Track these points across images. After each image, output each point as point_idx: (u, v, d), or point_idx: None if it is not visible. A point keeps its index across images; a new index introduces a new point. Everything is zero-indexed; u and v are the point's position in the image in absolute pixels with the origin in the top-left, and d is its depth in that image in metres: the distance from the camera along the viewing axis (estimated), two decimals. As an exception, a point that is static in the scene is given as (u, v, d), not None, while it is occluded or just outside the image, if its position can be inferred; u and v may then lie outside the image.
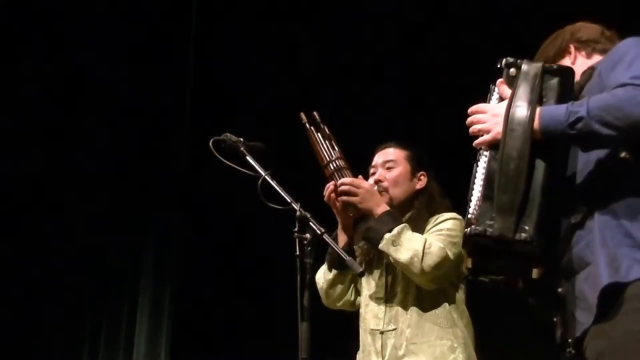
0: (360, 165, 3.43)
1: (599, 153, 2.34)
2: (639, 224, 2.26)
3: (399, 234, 3.12)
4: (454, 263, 3.12)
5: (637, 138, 2.24)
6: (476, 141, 2.42)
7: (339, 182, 3.23)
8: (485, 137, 2.39)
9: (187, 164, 5.58)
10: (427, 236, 3.17)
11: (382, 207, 3.20)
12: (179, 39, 5.73)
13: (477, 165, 2.41)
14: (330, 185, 3.25)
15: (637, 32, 2.51)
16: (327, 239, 2.83)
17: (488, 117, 2.40)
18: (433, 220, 3.27)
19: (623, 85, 2.25)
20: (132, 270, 5.65)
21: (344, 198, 3.22)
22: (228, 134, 3.08)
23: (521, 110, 2.32)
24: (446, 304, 3.20)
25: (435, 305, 3.19)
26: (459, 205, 3.18)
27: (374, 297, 3.28)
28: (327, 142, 3.31)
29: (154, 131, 5.68)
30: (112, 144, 5.65)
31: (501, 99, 2.44)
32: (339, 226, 3.32)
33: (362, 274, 2.98)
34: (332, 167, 3.27)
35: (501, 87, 2.44)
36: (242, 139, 3.08)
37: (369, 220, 3.23)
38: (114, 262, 5.68)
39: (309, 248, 2.78)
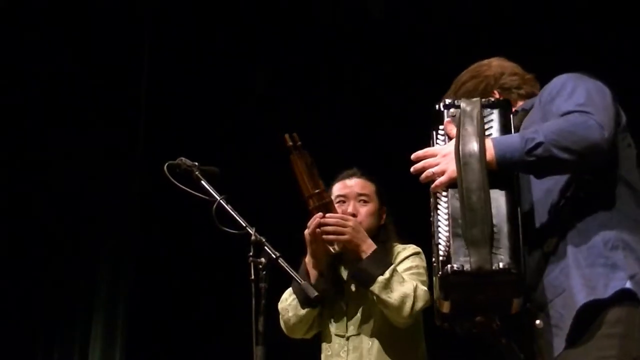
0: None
1: (560, 181, 2.36)
2: (611, 243, 2.28)
3: (391, 277, 3.10)
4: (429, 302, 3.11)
5: (593, 161, 2.27)
6: (433, 185, 2.38)
7: (326, 217, 3.15)
8: (442, 179, 2.36)
9: (141, 188, 5.58)
10: (409, 277, 3.16)
11: (368, 244, 3.15)
12: (133, 65, 5.72)
13: (438, 209, 2.38)
14: (316, 219, 3.16)
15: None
16: (282, 263, 2.84)
17: (439, 159, 2.38)
18: (395, 254, 3.27)
19: (570, 112, 2.28)
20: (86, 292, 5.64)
21: (332, 237, 3.16)
22: (183, 159, 3.09)
23: (471, 144, 2.32)
24: (407, 340, 3.22)
25: (398, 341, 3.19)
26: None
27: (337, 333, 3.26)
28: (311, 170, 3.19)
29: (110, 154, 5.65)
30: (67, 166, 5.62)
31: (449, 138, 2.43)
32: (310, 260, 3.23)
33: (317, 298, 2.97)
34: (316, 201, 3.19)
35: (448, 127, 2.44)
36: (196, 164, 3.08)
37: (343, 255, 3.22)
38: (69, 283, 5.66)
39: (264, 272, 2.79)
